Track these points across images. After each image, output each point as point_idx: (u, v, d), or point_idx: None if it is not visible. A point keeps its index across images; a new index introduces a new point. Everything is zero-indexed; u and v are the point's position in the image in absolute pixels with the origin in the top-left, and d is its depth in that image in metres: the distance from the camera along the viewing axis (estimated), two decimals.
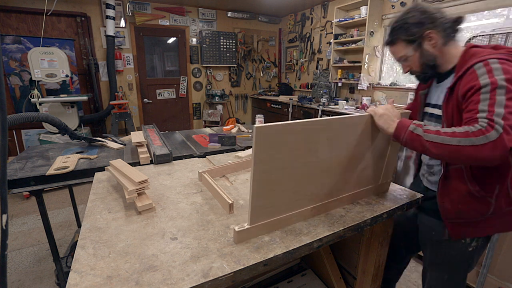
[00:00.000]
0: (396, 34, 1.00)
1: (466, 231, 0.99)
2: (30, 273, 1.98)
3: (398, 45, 1.01)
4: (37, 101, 3.01)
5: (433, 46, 0.96)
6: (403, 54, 1.01)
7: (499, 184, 0.91)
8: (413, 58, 1.00)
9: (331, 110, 3.63)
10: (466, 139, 0.76)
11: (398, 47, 1.01)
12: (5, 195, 0.48)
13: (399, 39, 1.00)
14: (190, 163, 1.50)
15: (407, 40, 0.98)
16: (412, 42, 0.97)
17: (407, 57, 1.01)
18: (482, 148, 0.74)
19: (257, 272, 0.73)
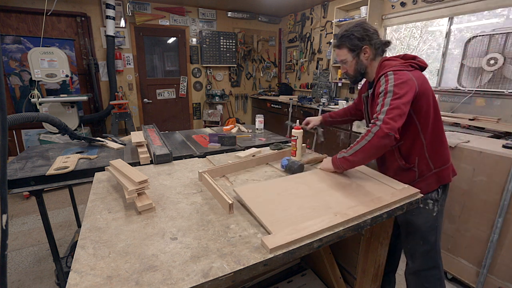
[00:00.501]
0: (343, 41, 1.24)
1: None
2: (30, 273, 1.98)
3: (342, 50, 1.26)
4: (37, 101, 3.01)
5: (366, 58, 1.25)
6: (344, 58, 1.27)
7: (418, 156, 1.23)
8: (350, 64, 1.27)
9: (331, 110, 3.62)
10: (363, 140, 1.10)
11: (342, 52, 1.27)
12: (5, 195, 0.48)
13: (344, 45, 1.25)
14: (190, 163, 1.50)
15: (349, 48, 1.24)
16: (353, 51, 1.24)
17: (346, 61, 1.27)
18: (372, 140, 1.08)
19: (257, 272, 0.73)
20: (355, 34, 1.21)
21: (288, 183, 1.15)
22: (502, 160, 1.54)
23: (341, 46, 1.26)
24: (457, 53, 2.90)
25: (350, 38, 1.22)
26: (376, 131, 1.06)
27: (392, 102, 1.08)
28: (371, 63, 1.26)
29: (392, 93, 1.09)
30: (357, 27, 1.22)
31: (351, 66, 1.28)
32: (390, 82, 1.11)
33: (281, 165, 1.38)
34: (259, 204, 0.97)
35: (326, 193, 1.07)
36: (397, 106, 1.07)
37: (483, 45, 2.39)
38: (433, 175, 1.25)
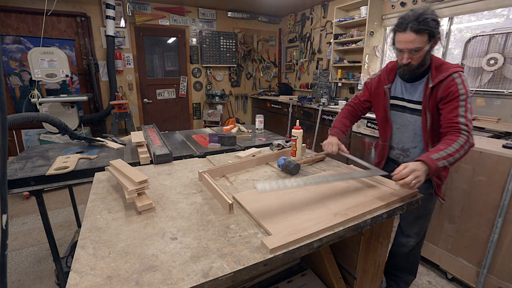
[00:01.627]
0: (427, 25, 1.05)
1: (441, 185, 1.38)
2: (30, 273, 1.98)
3: (423, 36, 1.08)
4: (37, 101, 3.01)
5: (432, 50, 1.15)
6: (420, 46, 1.09)
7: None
8: (422, 53, 1.12)
9: (331, 110, 3.63)
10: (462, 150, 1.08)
11: (422, 38, 1.08)
12: (5, 195, 0.48)
13: (427, 31, 1.07)
14: (190, 163, 1.50)
15: (430, 35, 1.08)
16: (432, 38, 1.09)
17: (420, 49, 1.10)
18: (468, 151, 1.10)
19: (257, 272, 0.73)
20: (436, 19, 1.08)
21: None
22: (502, 160, 1.54)
23: (422, 31, 1.07)
24: (457, 53, 2.90)
25: (433, 22, 1.07)
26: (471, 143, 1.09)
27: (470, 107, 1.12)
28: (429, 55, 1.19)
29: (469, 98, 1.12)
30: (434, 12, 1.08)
31: (421, 57, 1.14)
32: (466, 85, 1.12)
33: (277, 164, 1.38)
34: (259, 207, 0.97)
35: (325, 195, 1.08)
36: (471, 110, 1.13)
37: (483, 45, 2.39)
38: None
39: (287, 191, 1.12)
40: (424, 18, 1.06)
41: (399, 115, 1.36)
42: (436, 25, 1.08)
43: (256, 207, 0.97)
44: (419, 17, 1.06)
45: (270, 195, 1.08)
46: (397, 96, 1.35)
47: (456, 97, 1.12)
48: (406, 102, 1.32)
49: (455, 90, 1.12)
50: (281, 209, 0.96)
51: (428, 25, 1.06)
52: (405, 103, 1.32)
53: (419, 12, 1.07)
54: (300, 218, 0.91)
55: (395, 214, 1.03)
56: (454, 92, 1.12)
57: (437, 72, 1.18)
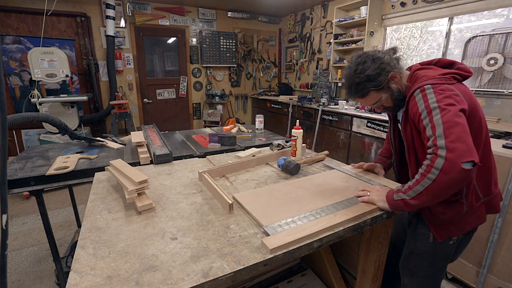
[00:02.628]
0: (364, 87, 1.03)
1: (449, 232, 1.05)
2: (30, 273, 1.98)
3: (371, 95, 1.06)
4: (37, 101, 3.01)
5: (397, 83, 1.04)
6: (377, 100, 1.07)
7: (465, 186, 0.98)
8: (386, 99, 1.07)
9: (331, 110, 3.63)
10: (425, 179, 0.85)
11: (371, 97, 1.06)
12: (5, 195, 0.48)
13: (370, 91, 1.04)
14: (190, 163, 1.50)
15: (375, 90, 1.03)
16: (382, 88, 1.03)
17: (379, 101, 1.07)
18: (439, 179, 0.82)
19: (257, 272, 0.73)
20: (371, 74, 1.00)
21: (286, 187, 1.15)
22: (502, 160, 1.54)
23: (366, 94, 1.05)
24: (457, 53, 2.90)
25: (370, 80, 1.01)
26: (442, 165, 0.80)
27: (444, 119, 0.83)
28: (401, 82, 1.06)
29: (438, 108, 0.86)
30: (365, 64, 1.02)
31: (388, 101, 1.07)
32: (430, 97, 0.90)
33: (277, 164, 1.38)
34: (259, 208, 0.97)
35: (325, 196, 1.08)
36: (454, 122, 0.82)
37: (483, 45, 2.39)
38: (482, 205, 1.04)
39: (287, 191, 1.12)
40: (358, 82, 1.02)
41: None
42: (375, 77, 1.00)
43: (256, 207, 0.97)
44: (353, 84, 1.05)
45: (270, 195, 1.08)
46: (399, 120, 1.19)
47: (418, 117, 0.93)
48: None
49: (415, 110, 0.94)
50: (281, 209, 0.96)
51: (366, 86, 1.02)
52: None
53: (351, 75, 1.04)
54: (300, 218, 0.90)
55: (395, 214, 1.03)
56: (415, 113, 0.95)
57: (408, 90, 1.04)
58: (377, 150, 3.03)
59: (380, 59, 1.01)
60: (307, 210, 0.96)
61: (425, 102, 0.91)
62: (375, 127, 2.99)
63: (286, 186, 1.16)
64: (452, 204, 1.01)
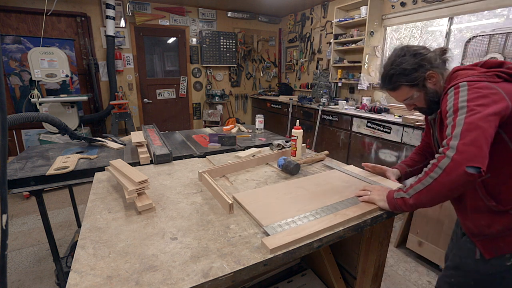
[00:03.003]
0: (397, 80, 1.00)
1: (498, 246, 0.92)
2: (30, 273, 1.98)
3: (402, 90, 1.02)
4: (37, 101, 3.01)
5: (434, 84, 0.99)
6: (409, 96, 1.03)
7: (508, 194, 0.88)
8: (418, 98, 1.02)
9: (331, 110, 3.63)
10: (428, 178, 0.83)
11: (402, 92, 1.03)
12: (5, 195, 0.48)
13: (402, 85, 1.00)
14: (190, 163, 1.50)
15: (409, 85, 0.99)
16: (415, 85, 0.99)
17: (412, 98, 1.03)
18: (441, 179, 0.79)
19: (257, 272, 0.73)
20: (407, 67, 0.97)
21: (286, 187, 1.15)
22: None
23: (398, 87, 1.01)
24: (457, 53, 2.90)
25: (404, 74, 0.98)
26: (446, 165, 0.77)
27: (468, 120, 0.78)
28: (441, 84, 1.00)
29: (467, 108, 0.80)
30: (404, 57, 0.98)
31: (420, 100, 1.03)
32: (462, 95, 0.83)
33: (277, 164, 1.38)
34: (259, 207, 0.97)
35: (325, 196, 1.08)
36: (476, 125, 0.76)
37: (483, 45, 2.39)
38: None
39: (287, 191, 1.12)
40: (392, 74, 1.00)
41: None
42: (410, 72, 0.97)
43: (256, 207, 0.97)
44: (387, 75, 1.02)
45: (270, 195, 1.08)
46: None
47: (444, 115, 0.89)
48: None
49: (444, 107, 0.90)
50: (281, 209, 0.96)
51: (399, 79, 0.99)
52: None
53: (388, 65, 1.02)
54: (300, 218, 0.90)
55: (395, 214, 1.03)
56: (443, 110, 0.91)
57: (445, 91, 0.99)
58: (377, 150, 3.03)
59: (422, 55, 0.97)
60: (307, 210, 0.96)
61: (455, 99, 0.85)
62: (375, 127, 3.00)
63: (286, 186, 1.16)
64: (499, 214, 0.90)
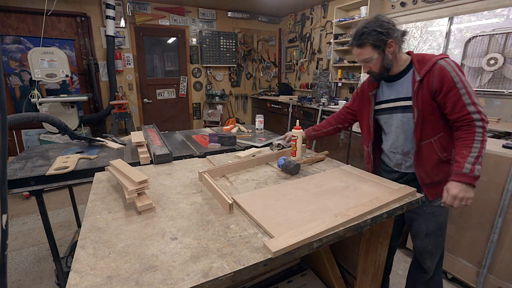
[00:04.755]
0: (366, 38, 1.14)
1: (438, 191, 1.19)
2: (30, 273, 1.98)
3: (366, 48, 1.17)
4: (37, 101, 3.01)
5: (391, 53, 1.16)
6: (369, 56, 1.18)
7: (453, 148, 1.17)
8: (375, 61, 1.18)
9: (331, 110, 3.63)
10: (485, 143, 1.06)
11: (366, 50, 1.17)
12: (5, 195, 0.48)
13: (368, 43, 1.15)
14: (190, 163, 1.50)
15: (374, 45, 1.15)
16: (378, 47, 1.15)
17: (371, 59, 1.18)
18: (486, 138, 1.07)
19: (257, 272, 0.73)
20: (377, 30, 1.11)
21: (285, 189, 1.14)
22: (502, 160, 1.54)
23: (363, 45, 1.16)
24: (457, 53, 2.90)
25: (373, 35, 1.12)
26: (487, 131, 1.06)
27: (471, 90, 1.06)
28: (396, 56, 1.19)
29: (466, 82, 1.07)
30: (377, 22, 1.13)
31: (377, 64, 1.19)
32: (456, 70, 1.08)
33: (277, 164, 1.38)
34: (259, 209, 0.97)
35: (325, 196, 1.08)
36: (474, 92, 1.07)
37: (483, 45, 2.39)
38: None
39: (287, 191, 1.12)
40: (363, 32, 1.14)
41: (389, 117, 1.31)
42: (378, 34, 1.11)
43: (256, 208, 0.97)
44: (359, 32, 1.16)
45: (270, 196, 1.08)
46: (385, 100, 1.31)
47: (453, 86, 1.07)
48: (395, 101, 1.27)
49: (449, 79, 1.08)
50: (282, 211, 0.96)
51: (367, 38, 1.13)
52: (394, 103, 1.27)
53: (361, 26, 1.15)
54: (302, 220, 0.90)
55: (395, 214, 1.03)
56: (450, 81, 1.08)
57: (420, 65, 1.16)
58: None
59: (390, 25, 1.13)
60: (307, 210, 0.96)
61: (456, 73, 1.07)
62: None
63: (286, 187, 1.16)
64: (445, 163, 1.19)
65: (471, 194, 1.05)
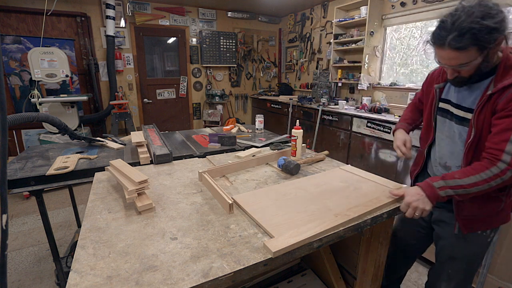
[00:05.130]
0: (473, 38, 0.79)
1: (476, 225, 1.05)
2: (30, 273, 1.98)
3: (468, 52, 0.83)
4: (37, 101, 3.01)
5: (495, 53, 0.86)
6: (467, 61, 0.85)
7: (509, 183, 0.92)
8: (472, 65, 0.87)
9: (331, 110, 3.63)
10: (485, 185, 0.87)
11: (467, 54, 0.83)
12: (5, 195, 0.48)
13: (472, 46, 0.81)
14: (190, 163, 1.50)
15: (480, 47, 0.81)
16: (484, 48, 0.82)
17: (468, 64, 0.85)
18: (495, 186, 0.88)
19: (257, 272, 0.73)
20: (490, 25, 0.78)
21: (285, 189, 1.14)
22: None
23: (466, 48, 0.82)
24: None
25: (482, 33, 0.78)
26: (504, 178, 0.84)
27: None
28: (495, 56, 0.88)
29: None
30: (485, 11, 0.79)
31: (472, 69, 0.88)
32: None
33: (277, 164, 1.38)
34: (259, 209, 0.97)
35: (325, 196, 1.08)
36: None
37: None
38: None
39: (287, 191, 1.12)
40: (469, 29, 0.78)
41: (446, 122, 1.07)
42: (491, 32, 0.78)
43: (256, 209, 0.97)
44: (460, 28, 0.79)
45: (270, 196, 1.08)
46: (449, 100, 1.06)
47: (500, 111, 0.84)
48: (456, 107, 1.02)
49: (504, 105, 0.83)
50: (282, 211, 0.96)
51: (474, 37, 0.79)
52: (454, 109, 1.03)
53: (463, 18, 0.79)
54: (302, 220, 0.90)
55: (395, 214, 1.03)
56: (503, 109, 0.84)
57: (504, 74, 0.87)
58: (377, 150, 3.03)
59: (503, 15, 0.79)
60: (307, 210, 0.96)
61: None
62: (375, 127, 2.99)
63: (286, 187, 1.16)
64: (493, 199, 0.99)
65: (426, 206, 0.92)
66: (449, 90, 1.08)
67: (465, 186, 0.88)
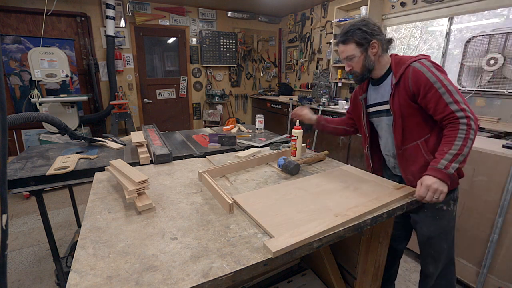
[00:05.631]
0: (351, 35, 1.18)
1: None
2: (30, 273, 1.98)
3: (349, 45, 1.20)
4: (37, 101, 3.01)
5: (374, 54, 1.19)
6: (351, 54, 1.20)
7: None
8: (358, 60, 1.21)
9: (331, 110, 3.63)
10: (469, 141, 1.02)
11: (349, 47, 1.20)
12: (5, 195, 0.48)
13: (351, 40, 1.19)
14: (190, 163, 1.50)
15: (357, 43, 1.18)
16: (361, 45, 1.18)
17: (353, 57, 1.21)
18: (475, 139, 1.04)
19: (257, 272, 0.73)
20: (362, 28, 1.15)
21: (285, 188, 1.14)
22: (502, 160, 1.54)
23: (347, 41, 1.19)
24: (457, 53, 2.90)
25: (356, 33, 1.16)
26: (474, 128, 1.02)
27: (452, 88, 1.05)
28: (378, 59, 1.21)
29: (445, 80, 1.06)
30: (363, 22, 1.17)
31: (359, 63, 1.21)
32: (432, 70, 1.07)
33: (277, 164, 1.38)
34: (259, 209, 0.97)
35: (325, 196, 1.08)
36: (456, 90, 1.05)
37: (483, 45, 2.39)
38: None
39: (287, 191, 1.12)
40: (349, 30, 1.18)
41: (379, 121, 1.33)
42: (363, 33, 1.15)
43: (256, 209, 0.97)
44: (344, 30, 1.20)
45: (270, 196, 1.08)
46: (372, 103, 1.33)
47: (430, 86, 1.07)
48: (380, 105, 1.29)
49: (425, 80, 1.08)
50: (281, 211, 0.96)
51: (352, 35, 1.17)
52: (380, 107, 1.29)
53: (348, 25, 1.20)
54: (302, 220, 0.90)
55: (395, 214, 1.03)
56: (426, 83, 1.07)
57: (397, 68, 1.18)
58: None
59: (374, 27, 1.17)
60: (307, 210, 0.96)
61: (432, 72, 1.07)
62: None
63: (286, 187, 1.16)
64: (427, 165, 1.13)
65: (444, 188, 1.02)
66: (370, 97, 1.34)
67: (459, 152, 1.02)
